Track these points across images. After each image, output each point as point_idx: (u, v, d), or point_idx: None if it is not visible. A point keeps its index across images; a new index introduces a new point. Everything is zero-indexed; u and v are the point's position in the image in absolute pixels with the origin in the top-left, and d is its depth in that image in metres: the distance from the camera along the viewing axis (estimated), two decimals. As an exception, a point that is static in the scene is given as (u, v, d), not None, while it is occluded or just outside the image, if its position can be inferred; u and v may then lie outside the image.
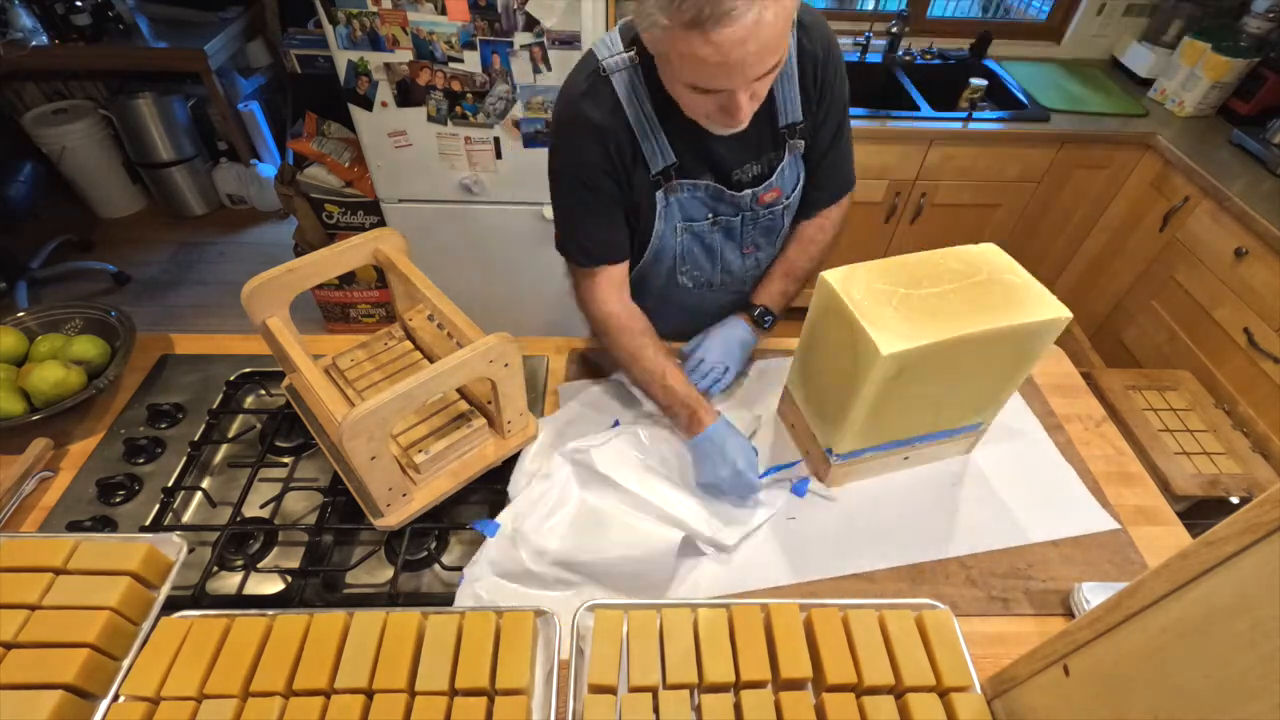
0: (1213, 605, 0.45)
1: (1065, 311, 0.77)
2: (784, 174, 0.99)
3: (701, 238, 1.03)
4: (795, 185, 1.03)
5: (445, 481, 0.88)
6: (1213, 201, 1.84)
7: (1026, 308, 0.78)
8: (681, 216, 1.00)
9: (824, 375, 0.90)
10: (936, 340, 0.74)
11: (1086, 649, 0.57)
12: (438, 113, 1.76)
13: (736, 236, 1.05)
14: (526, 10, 1.56)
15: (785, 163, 0.99)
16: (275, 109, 2.94)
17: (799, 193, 1.05)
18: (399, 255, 0.93)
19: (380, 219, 2.08)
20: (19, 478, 0.89)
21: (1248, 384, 1.75)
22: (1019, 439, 1.04)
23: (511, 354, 0.82)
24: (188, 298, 2.70)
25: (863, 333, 0.75)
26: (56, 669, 0.64)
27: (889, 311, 0.77)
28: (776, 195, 1.01)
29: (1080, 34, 2.36)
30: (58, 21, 2.29)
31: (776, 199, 1.02)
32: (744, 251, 1.08)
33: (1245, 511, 0.42)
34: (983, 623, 0.82)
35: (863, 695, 0.67)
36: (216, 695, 0.64)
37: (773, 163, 0.98)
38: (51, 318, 1.10)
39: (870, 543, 0.90)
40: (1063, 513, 0.94)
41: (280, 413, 1.00)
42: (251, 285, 0.83)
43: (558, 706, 0.67)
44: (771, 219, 1.05)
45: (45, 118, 2.66)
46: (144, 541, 0.75)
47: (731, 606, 0.72)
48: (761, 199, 1.00)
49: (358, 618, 0.70)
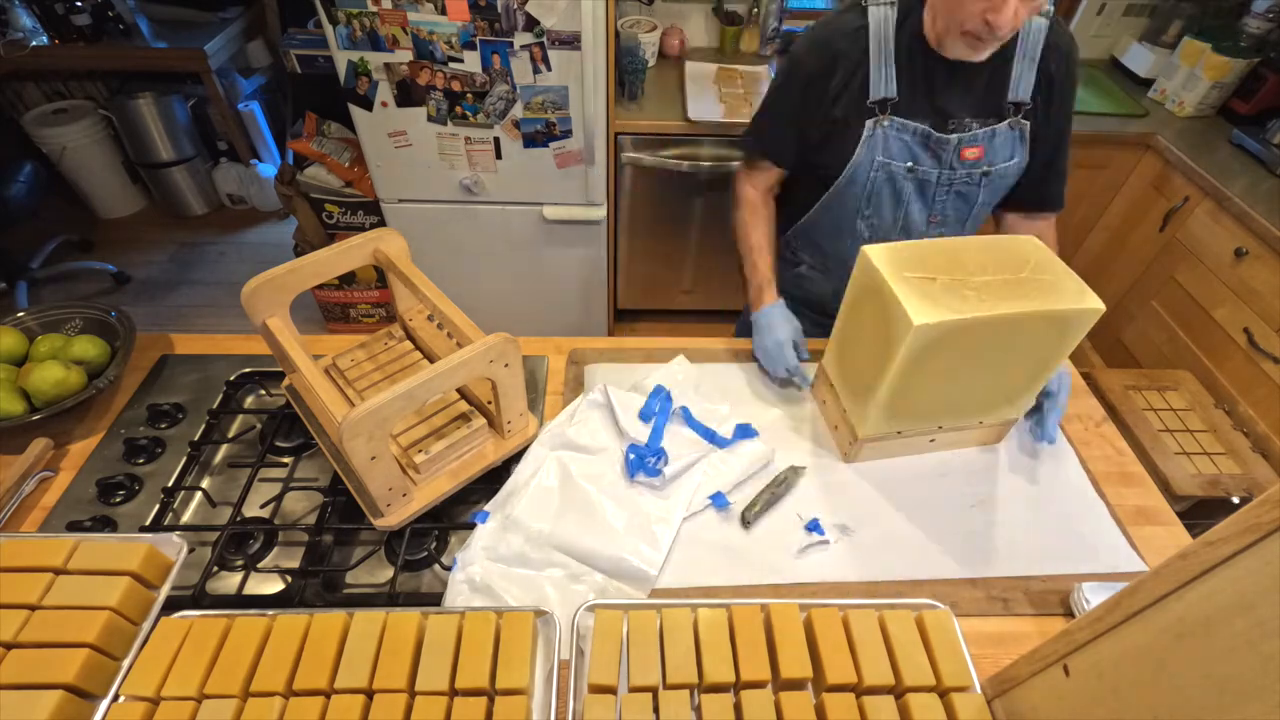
0: (1213, 605, 0.45)
1: (1099, 303, 0.79)
2: (994, 140, 1.03)
3: (894, 180, 1.06)
4: (1005, 160, 1.05)
5: (445, 481, 0.88)
6: (1213, 201, 1.84)
7: (1061, 296, 0.79)
8: (882, 152, 1.03)
9: (858, 349, 0.91)
10: (969, 317, 0.75)
11: (1086, 649, 0.57)
12: (438, 113, 1.76)
13: (930, 195, 1.07)
14: (526, 10, 1.56)
15: (1001, 132, 1.02)
16: (275, 109, 2.94)
17: (1007, 173, 1.06)
18: (399, 255, 0.93)
19: (380, 219, 2.08)
20: (19, 478, 0.89)
21: (1248, 384, 1.75)
22: (1048, 464, 1.01)
23: (511, 354, 0.82)
24: (188, 298, 2.70)
25: (897, 304, 0.77)
26: (56, 669, 0.64)
27: (926, 286, 0.79)
28: (979, 154, 1.03)
29: (1080, 34, 2.35)
30: (58, 21, 2.29)
31: (979, 159, 1.04)
32: (930, 220, 1.10)
33: (1245, 511, 0.42)
34: (983, 623, 0.82)
35: (863, 695, 0.67)
36: (216, 695, 0.64)
37: (990, 128, 1.02)
38: (51, 318, 1.09)
39: (883, 561, 0.88)
40: (1090, 549, 0.90)
41: (280, 413, 1.00)
42: (251, 285, 0.83)
43: (558, 707, 0.67)
44: (968, 182, 1.06)
45: (45, 118, 2.66)
46: (144, 541, 0.75)
47: (731, 606, 0.72)
48: (964, 153, 1.03)
49: (358, 618, 0.70)
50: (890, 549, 0.89)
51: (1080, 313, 0.79)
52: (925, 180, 1.06)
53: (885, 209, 1.09)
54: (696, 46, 2.31)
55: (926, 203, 1.08)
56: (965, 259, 0.83)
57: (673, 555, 0.86)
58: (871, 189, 1.07)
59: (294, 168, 2.11)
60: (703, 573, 0.86)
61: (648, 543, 0.85)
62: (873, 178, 1.06)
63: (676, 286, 2.42)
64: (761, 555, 0.88)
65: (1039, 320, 0.79)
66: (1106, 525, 0.93)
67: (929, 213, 1.10)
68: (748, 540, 0.89)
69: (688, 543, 0.88)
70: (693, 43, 2.30)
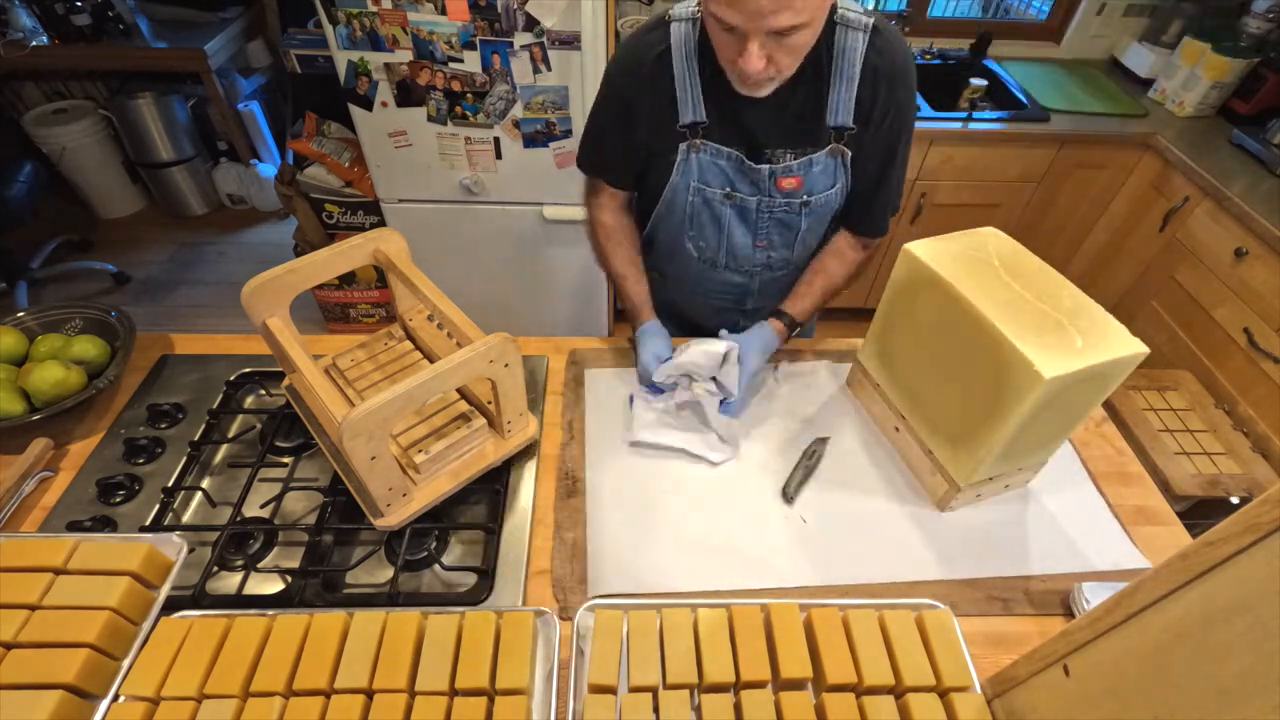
0: (1213, 605, 0.45)
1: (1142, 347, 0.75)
2: (812, 169, 0.98)
3: (712, 206, 1.03)
4: (827, 189, 1.01)
5: (445, 481, 0.88)
6: (1213, 201, 1.84)
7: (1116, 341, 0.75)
8: (698, 177, 1.00)
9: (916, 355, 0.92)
10: (1098, 361, 0.72)
11: (1086, 649, 0.57)
12: (438, 113, 1.76)
13: (750, 221, 1.04)
14: (526, 10, 1.56)
15: (820, 161, 0.97)
16: (275, 109, 2.94)
17: (830, 200, 1.02)
18: (399, 255, 0.93)
19: (380, 219, 2.08)
20: (19, 478, 0.89)
21: (1248, 384, 1.75)
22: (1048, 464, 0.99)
23: (511, 354, 0.82)
24: (188, 298, 2.70)
25: (1007, 348, 0.74)
26: (56, 669, 0.64)
27: (1033, 324, 0.75)
28: (796, 185, 0.99)
29: (1080, 34, 2.36)
30: (58, 21, 2.29)
31: (795, 189, 0.99)
32: (756, 244, 1.07)
33: (1245, 511, 0.42)
34: (983, 623, 0.82)
35: (863, 695, 0.67)
36: (216, 695, 0.64)
37: (807, 157, 0.97)
38: (51, 318, 1.10)
39: (881, 557, 0.88)
40: (1090, 549, 0.90)
41: (280, 413, 1.00)
42: (251, 285, 0.83)
43: (558, 707, 0.67)
44: (788, 212, 1.02)
45: (45, 118, 2.67)
46: (144, 541, 0.75)
47: (731, 606, 0.72)
48: (780, 182, 0.98)
49: (358, 618, 0.70)
50: (891, 548, 0.89)
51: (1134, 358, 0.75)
52: (745, 207, 1.02)
53: (708, 232, 1.07)
54: (696, 46, 2.31)
55: (749, 227, 1.05)
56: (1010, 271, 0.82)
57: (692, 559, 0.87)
58: (691, 213, 1.05)
59: (294, 168, 2.11)
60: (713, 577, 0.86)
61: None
62: (691, 202, 1.03)
63: (676, 286, 2.42)
64: (761, 556, 0.88)
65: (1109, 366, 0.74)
66: (1107, 525, 0.93)
67: (753, 238, 1.06)
68: (747, 541, 0.89)
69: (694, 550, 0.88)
70: (693, 43, 2.29)
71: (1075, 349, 0.73)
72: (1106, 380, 0.77)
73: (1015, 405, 0.75)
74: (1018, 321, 0.75)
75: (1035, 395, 0.72)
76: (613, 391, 1.09)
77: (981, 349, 0.77)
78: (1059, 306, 0.78)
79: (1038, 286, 0.81)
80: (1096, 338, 0.74)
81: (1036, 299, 0.79)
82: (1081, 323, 0.76)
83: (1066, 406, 0.79)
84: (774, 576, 0.85)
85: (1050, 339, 0.74)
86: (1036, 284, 0.81)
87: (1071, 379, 0.72)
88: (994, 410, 0.78)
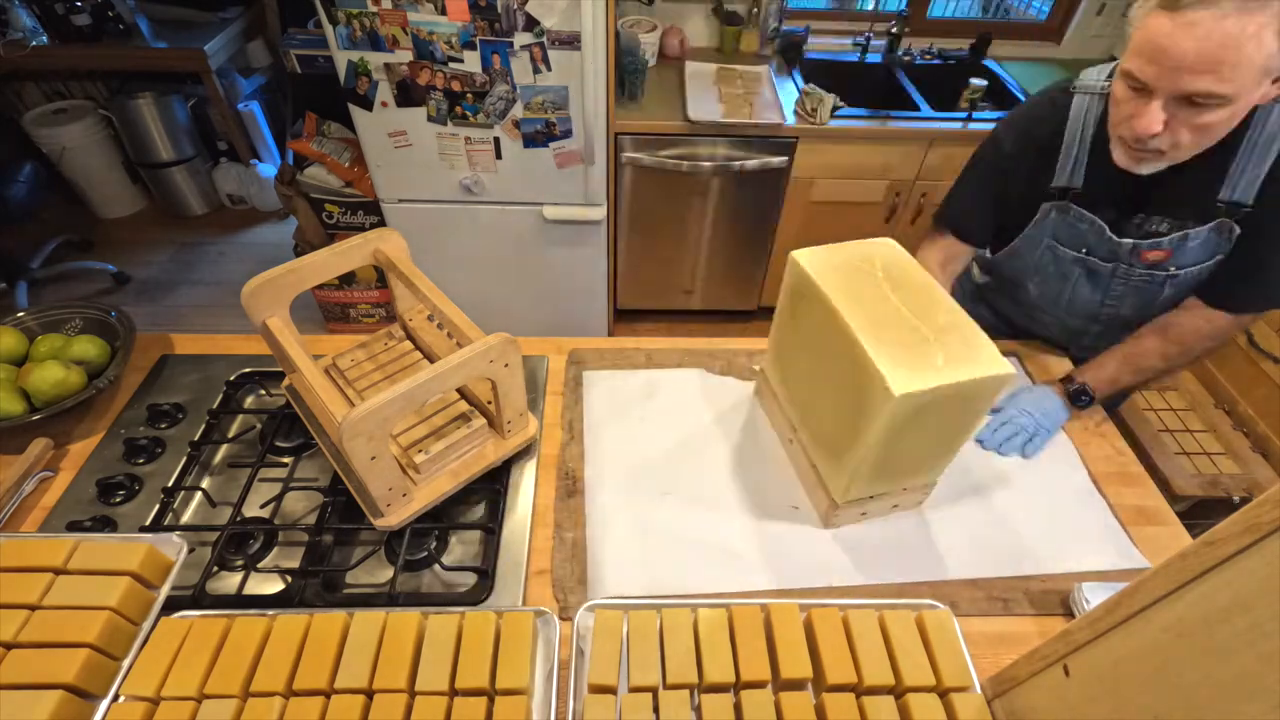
0: (1213, 605, 0.45)
1: (1009, 368, 0.72)
2: (1187, 243, 0.89)
3: (1061, 264, 1.00)
4: (1198, 261, 0.92)
5: (445, 481, 0.88)
6: (1213, 201, 1.83)
7: (987, 362, 0.72)
8: (1052, 235, 0.98)
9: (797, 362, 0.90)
10: (956, 381, 0.70)
11: (1086, 649, 0.57)
12: (438, 113, 1.76)
13: (1101, 285, 1.00)
14: (526, 10, 1.56)
15: (1199, 234, 0.88)
16: (275, 109, 2.94)
17: (1202, 273, 0.93)
18: (399, 255, 0.93)
19: (380, 219, 2.08)
20: (19, 478, 0.89)
21: (1248, 384, 1.75)
22: (1048, 464, 1.01)
23: (511, 354, 0.82)
24: (188, 298, 2.69)
25: (866, 366, 0.72)
26: (56, 669, 0.64)
27: (891, 345, 0.72)
28: (1164, 257, 0.91)
29: (1080, 34, 2.36)
30: (58, 21, 2.28)
31: (1163, 261, 0.92)
32: (1104, 303, 1.03)
33: (1245, 511, 0.42)
34: (983, 623, 0.82)
35: (863, 695, 0.67)
36: (216, 695, 0.64)
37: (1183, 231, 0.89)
38: (51, 318, 1.09)
39: (884, 559, 0.88)
40: (1090, 549, 0.90)
41: (280, 413, 1.00)
42: (251, 285, 0.83)
43: (558, 707, 0.67)
44: (1148, 282, 0.95)
45: (45, 118, 2.66)
46: (144, 541, 0.75)
47: (731, 606, 0.72)
48: (1144, 255, 0.91)
49: (358, 618, 0.70)
50: (890, 549, 0.89)
51: (999, 379, 0.72)
52: (1096, 271, 0.99)
53: (1052, 284, 1.05)
54: (696, 46, 2.31)
55: (1099, 288, 1.01)
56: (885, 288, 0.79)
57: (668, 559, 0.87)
58: (1038, 265, 1.04)
59: (294, 168, 2.11)
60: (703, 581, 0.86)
61: None
62: (1039, 257, 1.02)
63: (676, 286, 2.42)
64: (765, 558, 0.88)
65: (987, 384, 0.72)
66: (1107, 525, 0.93)
67: (1103, 297, 1.02)
68: (748, 540, 0.89)
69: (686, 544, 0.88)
70: (693, 43, 2.30)
71: (935, 367, 0.70)
72: (971, 400, 0.74)
73: (872, 421, 0.73)
74: (883, 337, 0.73)
75: (888, 411, 0.70)
76: (613, 392, 1.09)
77: (849, 362, 0.75)
78: (932, 323, 0.75)
79: (916, 302, 0.78)
80: (962, 357, 0.72)
81: (911, 314, 0.76)
82: (950, 340, 0.73)
83: (937, 426, 0.77)
84: (773, 578, 0.86)
85: (912, 356, 0.71)
86: (916, 299, 0.79)
87: (927, 397, 0.69)
88: (856, 425, 0.76)
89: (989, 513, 0.94)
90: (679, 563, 0.87)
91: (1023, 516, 0.94)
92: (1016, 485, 0.98)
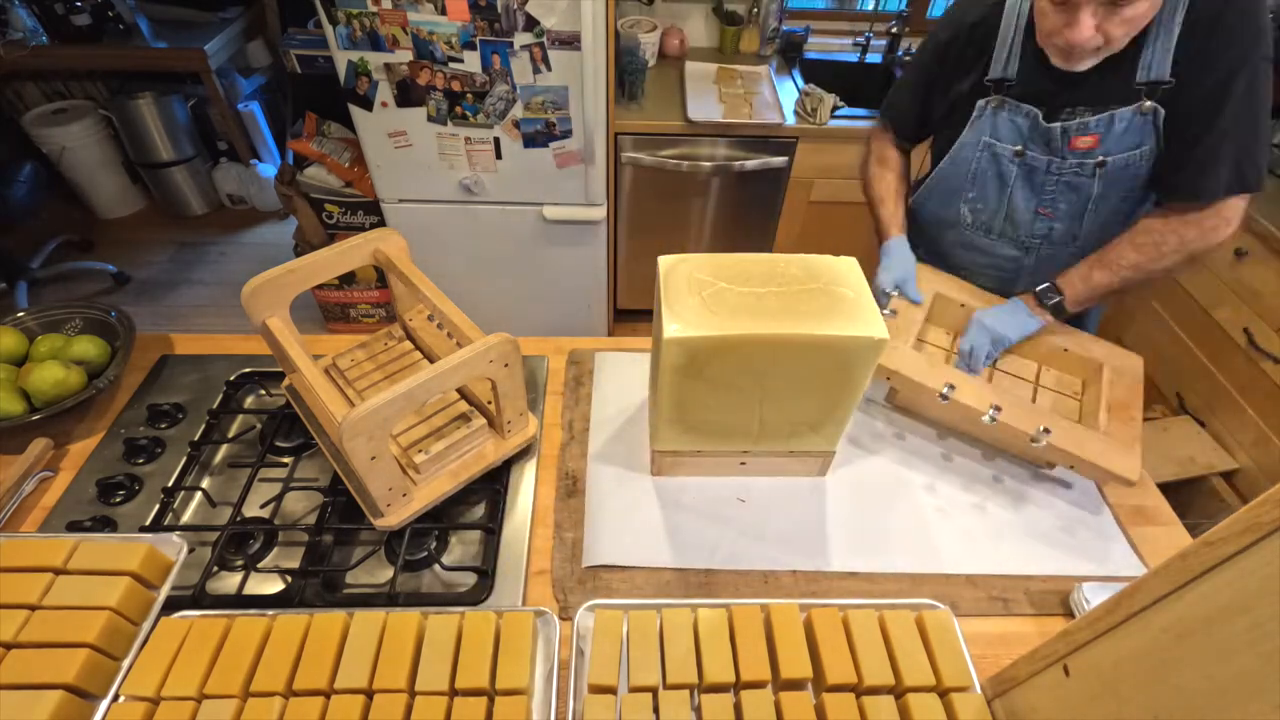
0: (1213, 605, 0.45)
1: (884, 332, 0.73)
2: (1113, 127, 0.91)
3: (999, 163, 1.02)
4: (1128, 149, 0.93)
5: (445, 481, 0.88)
6: (1213, 201, 1.83)
7: (843, 321, 0.73)
8: (990, 133, 1.01)
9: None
10: (727, 334, 0.71)
11: (1086, 649, 0.57)
12: (438, 113, 1.76)
13: (1036, 184, 1.01)
14: (526, 10, 1.56)
15: (1124, 118, 0.90)
16: (275, 109, 2.94)
17: (1130, 163, 0.94)
18: (399, 255, 0.93)
19: (380, 219, 2.08)
20: (19, 478, 0.89)
21: (1248, 384, 1.75)
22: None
23: (511, 354, 0.82)
24: (188, 298, 2.70)
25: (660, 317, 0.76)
26: (56, 669, 0.64)
27: (694, 301, 0.75)
28: (1091, 144, 0.93)
29: (1080, 34, 2.35)
30: (58, 21, 2.29)
31: (1090, 148, 0.93)
32: (1038, 210, 1.03)
33: (1245, 511, 0.42)
34: (983, 623, 0.82)
35: (863, 695, 0.67)
36: (216, 695, 0.64)
37: (1108, 113, 0.91)
38: (51, 318, 1.10)
39: (883, 559, 0.88)
40: (1090, 549, 0.90)
41: (280, 413, 1.00)
42: (251, 285, 0.83)
43: (558, 707, 0.67)
44: (1078, 174, 0.97)
45: (45, 118, 2.66)
46: (144, 541, 0.75)
47: (731, 606, 0.72)
48: (1073, 141, 0.94)
49: (358, 618, 0.70)
50: (890, 548, 0.89)
51: (861, 340, 0.72)
52: (1033, 167, 0.99)
53: (990, 192, 1.06)
54: (696, 46, 2.31)
55: (1034, 190, 1.02)
56: (754, 272, 0.78)
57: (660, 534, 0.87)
58: (976, 170, 1.05)
59: (294, 168, 2.11)
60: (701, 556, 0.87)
61: None
62: (978, 158, 1.03)
63: (676, 286, 2.42)
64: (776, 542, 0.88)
65: (814, 344, 0.73)
66: (1107, 525, 0.94)
67: (1036, 202, 1.03)
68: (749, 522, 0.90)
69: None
70: (693, 43, 2.30)
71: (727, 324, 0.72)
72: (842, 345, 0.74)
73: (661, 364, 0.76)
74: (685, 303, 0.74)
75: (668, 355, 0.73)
76: (614, 392, 1.08)
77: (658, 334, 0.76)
78: (827, 282, 0.77)
79: (780, 278, 0.78)
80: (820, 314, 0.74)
81: (802, 285, 0.77)
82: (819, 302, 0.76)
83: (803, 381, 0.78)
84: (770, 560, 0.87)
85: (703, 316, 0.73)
86: (777, 277, 0.78)
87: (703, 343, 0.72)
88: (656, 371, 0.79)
89: (989, 512, 0.94)
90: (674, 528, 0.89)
91: (1023, 516, 0.94)
92: (1016, 485, 0.98)
